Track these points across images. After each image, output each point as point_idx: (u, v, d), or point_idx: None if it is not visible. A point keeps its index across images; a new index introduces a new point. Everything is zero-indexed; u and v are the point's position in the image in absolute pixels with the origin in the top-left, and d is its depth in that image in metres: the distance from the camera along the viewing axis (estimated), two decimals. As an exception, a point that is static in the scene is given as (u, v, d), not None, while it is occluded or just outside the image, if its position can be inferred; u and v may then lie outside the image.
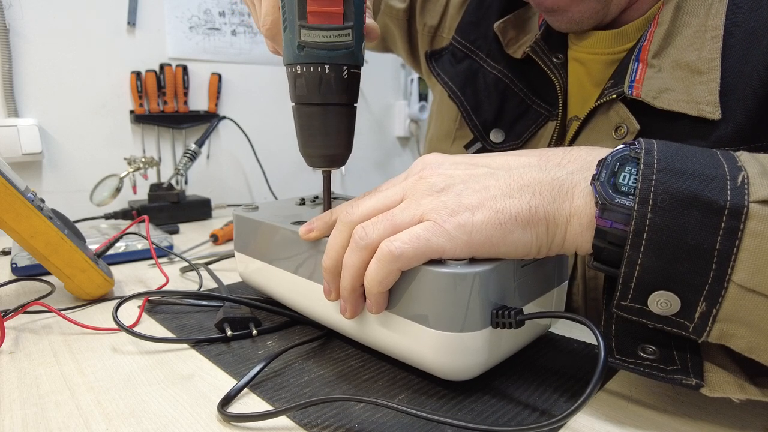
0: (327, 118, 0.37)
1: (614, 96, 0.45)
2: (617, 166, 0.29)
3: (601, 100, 0.47)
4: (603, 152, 0.31)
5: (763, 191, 0.25)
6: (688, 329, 0.28)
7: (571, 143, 0.51)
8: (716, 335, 0.28)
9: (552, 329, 0.44)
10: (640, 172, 0.28)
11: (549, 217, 0.30)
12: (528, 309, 0.35)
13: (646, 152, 0.28)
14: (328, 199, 0.42)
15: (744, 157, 0.28)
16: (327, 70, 0.36)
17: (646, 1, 0.48)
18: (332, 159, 0.39)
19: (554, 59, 0.53)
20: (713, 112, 0.41)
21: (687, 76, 0.43)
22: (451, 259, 0.31)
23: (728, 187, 0.26)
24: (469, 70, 0.60)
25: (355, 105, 0.39)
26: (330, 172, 0.41)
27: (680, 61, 0.43)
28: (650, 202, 0.27)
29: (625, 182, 0.28)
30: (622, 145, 0.30)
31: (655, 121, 0.44)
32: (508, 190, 0.31)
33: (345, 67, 0.36)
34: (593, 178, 0.29)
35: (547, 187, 0.31)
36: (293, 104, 0.38)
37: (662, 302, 0.28)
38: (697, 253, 0.26)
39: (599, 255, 0.30)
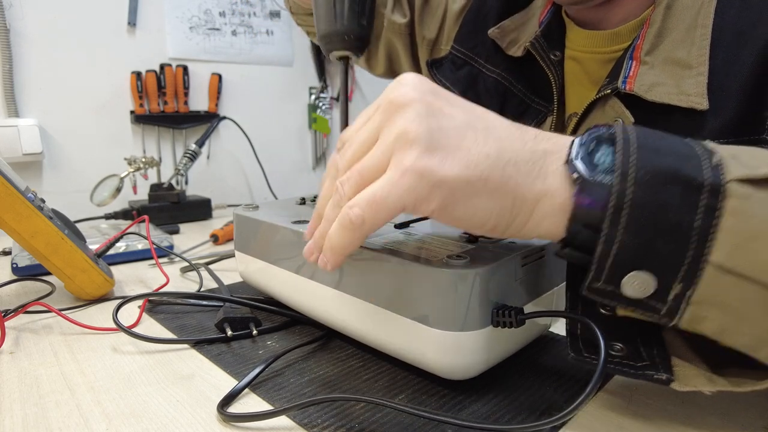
0: None
1: (609, 91, 0.47)
2: (592, 146, 0.28)
3: (598, 95, 0.49)
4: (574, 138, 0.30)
5: (738, 171, 0.26)
6: (659, 312, 0.27)
7: None
8: (688, 318, 0.27)
9: (552, 329, 0.44)
10: (620, 148, 0.27)
11: (518, 191, 0.28)
12: (528, 308, 0.35)
13: (623, 130, 0.28)
14: (345, 89, 0.41)
15: (711, 144, 0.28)
16: None
17: (640, 1, 0.50)
18: (347, 38, 0.39)
19: (552, 56, 0.55)
20: (701, 102, 0.43)
21: (677, 71, 0.45)
22: (448, 256, 0.31)
23: (704, 166, 0.26)
24: (469, 75, 0.62)
25: None
26: (348, 60, 0.40)
27: (671, 57, 0.46)
28: (631, 178, 0.26)
29: (601, 161, 0.27)
30: (596, 126, 0.29)
31: (649, 115, 0.45)
32: (485, 149, 0.28)
33: None
34: (568, 157, 0.28)
35: (522, 158, 0.28)
36: None
37: (637, 284, 0.27)
38: (677, 232, 0.26)
39: (572, 240, 0.28)
